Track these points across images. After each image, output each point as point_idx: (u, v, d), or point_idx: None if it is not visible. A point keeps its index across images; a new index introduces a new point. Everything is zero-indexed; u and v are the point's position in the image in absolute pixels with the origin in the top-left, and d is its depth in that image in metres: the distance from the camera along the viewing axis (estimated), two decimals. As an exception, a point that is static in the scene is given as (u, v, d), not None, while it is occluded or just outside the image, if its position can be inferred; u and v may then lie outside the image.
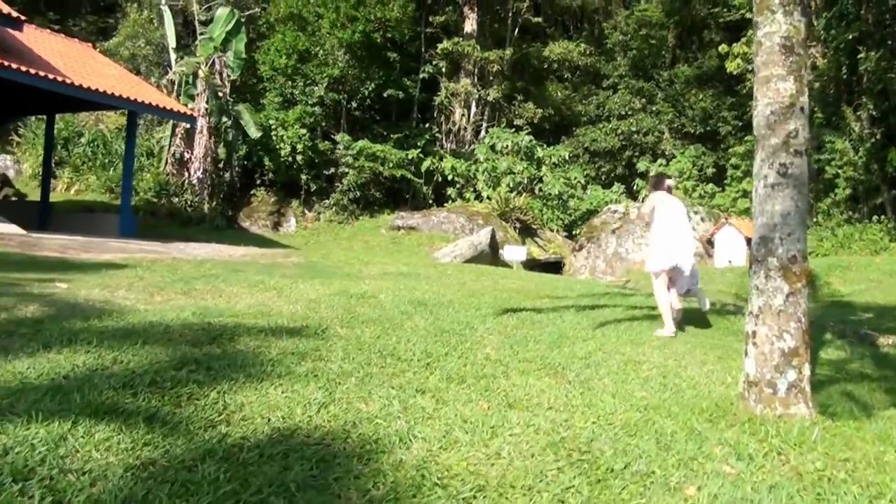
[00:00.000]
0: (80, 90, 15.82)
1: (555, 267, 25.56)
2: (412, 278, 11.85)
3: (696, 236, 25.63)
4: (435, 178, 30.05)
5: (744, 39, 28.89)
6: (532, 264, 23.64)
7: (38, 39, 18.13)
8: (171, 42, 27.30)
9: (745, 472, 3.22)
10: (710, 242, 25.79)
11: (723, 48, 29.85)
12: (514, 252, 21.66)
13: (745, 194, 30.19)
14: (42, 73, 14.90)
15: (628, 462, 3.24)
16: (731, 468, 3.25)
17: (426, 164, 29.34)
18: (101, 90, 16.41)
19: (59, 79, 15.31)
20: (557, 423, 3.74)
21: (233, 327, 5.53)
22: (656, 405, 4.25)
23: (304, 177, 27.69)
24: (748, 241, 24.95)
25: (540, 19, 38.08)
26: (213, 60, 26.10)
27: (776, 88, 3.92)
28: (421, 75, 32.50)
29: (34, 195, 26.14)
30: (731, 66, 29.45)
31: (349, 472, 2.92)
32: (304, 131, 26.96)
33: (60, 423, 3.07)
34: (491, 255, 20.79)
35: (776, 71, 3.93)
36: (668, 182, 8.98)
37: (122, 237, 17.59)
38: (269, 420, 3.52)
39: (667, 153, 33.77)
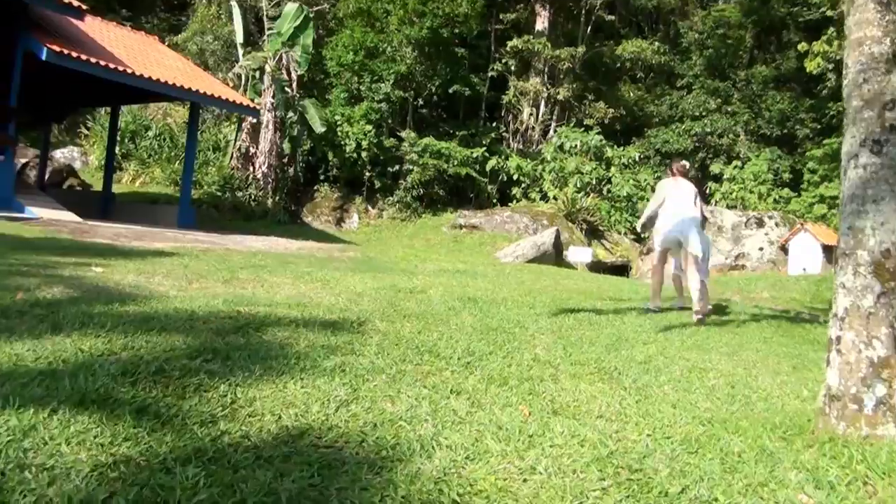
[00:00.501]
0: (140, 80, 15.83)
1: (621, 270, 24.83)
2: (468, 276, 11.46)
3: (706, 215, 24.69)
4: (500, 177, 29.57)
5: (824, 37, 27.66)
6: (597, 267, 23.00)
7: (101, 30, 18.23)
8: (240, 37, 27.37)
9: (825, 503, 2.72)
10: (784, 249, 24.76)
11: (802, 46, 28.54)
12: (579, 253, 21.09)
13: (823, 199, 28.96)
14: (103, 63, 14.91)
15: (686, 485, 2.76)
16: (807, 498, 2.74)
17: (491, 162, 28.87)
18: (163, 80, 16.40)
19: (121, 68, 15.32)
20: (607, 435, 3.27)
21: (263, 317, 5.20)
22: (722, 419, 3.74)
23: (367, 173, 27.49)
24: (825, 248, 23.89)
25: (614, 17, 37.26)
26: (280, 56, 26.09)
27: (870, 52, 3.36)
28: (490, 73, 32.06)
29: (99, 186, 26.62)
30: (811, 66, 28.16)
31: (355, 483, 2.52)
32: (369, 128, 26.74)
33: (37, 412, 2.73)
34: (555, 257, 20.24)
35: (870, 32, 3.37)
36: (680, 164, 9.42)
37: (180, 228, 17.60)
38: (279, 417, 3.14)
39: (741, 155, 32.63)
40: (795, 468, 2.98)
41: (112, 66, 15.19)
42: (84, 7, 14.77)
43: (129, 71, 15.48)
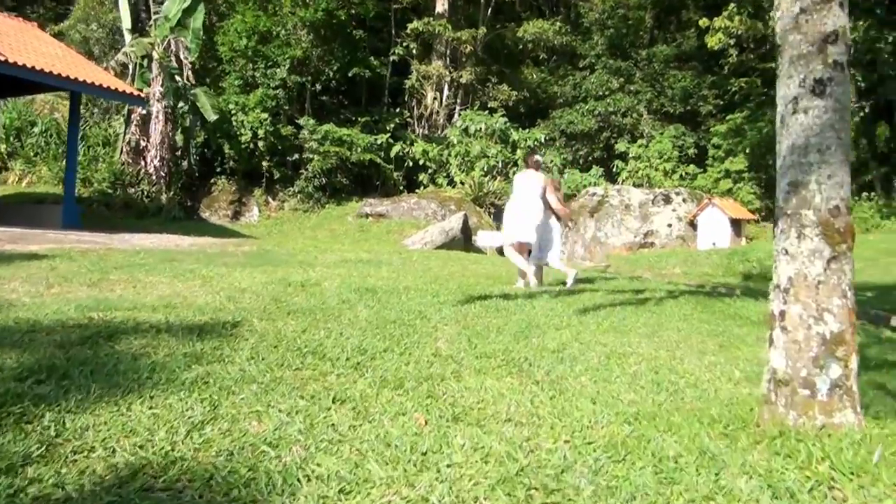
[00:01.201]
0: (11, 67, 14.61)
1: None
2: (371, 265, 10.87)
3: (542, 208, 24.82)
4: (406, 163, 28.97)
5: (725, 13, 28.03)
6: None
7: (-32, 16, 16.89)
8: (126, 23, 25.93)
9: (786, 517, 2.23)
10: (692, 224, 24.94)
11: (703, 22, 28.96)
12: (488, 238, 20.67)
13: (728, 174, 29.35)
14: (-36, 49, 13.71)
15: (615, 507, 2.23)
16: (764, 511, 2.25)
17: (396, 148, 28.24)
18: (38, 68, 15.20)
19: (-15, 55, 14.10)
20: (516, 445, 2.74)
21: (120, 323, 4.51)
22: (650, 413, 3.24)
23: (266, 164, 26.50)
24: (733, 222, 24.14)
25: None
26: (169, 42, 24.83)
27: (808, -21, 2.87)
28: (391, 57, 31.33)
29: None
30: (713, 42, 28.61)
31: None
32: (265, 115, 25.74)
33: None
34: (464, 242, 19.79)
35: (807, -43, 2.88)
36: (533, 158, 10.16)
37: (64, 229, 16.45)
38: (112, 452, 2.51)
39: (645, 134, 32.76)
40: (745, 473, 2.48)
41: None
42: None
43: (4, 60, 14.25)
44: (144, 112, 24.61)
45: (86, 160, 25.19)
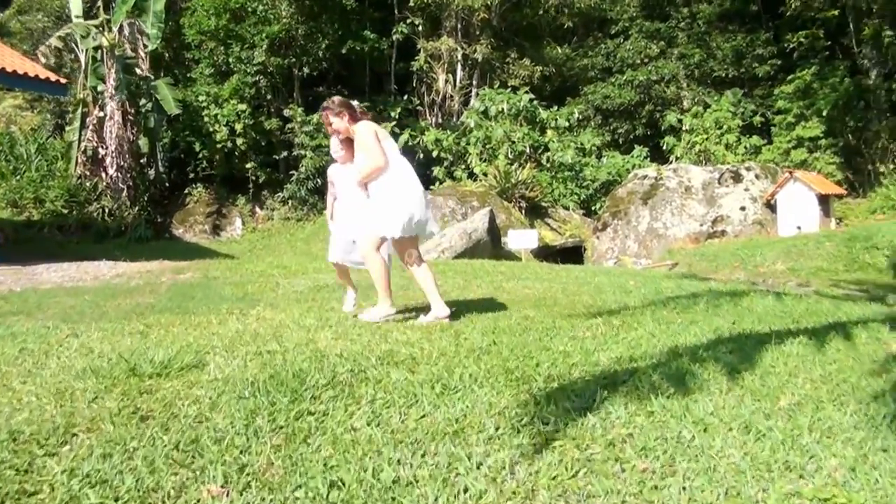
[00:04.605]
0: None
1: (573, 253, 20.75)
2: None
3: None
4: (416, 155, 25.23)
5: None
6: (545, 252, 18.88)
7: None
8: (76, 10, 22.29)
9: None
10: (770, 206, 20.94)
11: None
12: (522, 238, 16.86)
13: (801, 143, 25.31)
14: None
15: None
16: None
17: (403, 138, 24.54)
18: None
19: None
20: None
21: None
22: None
23: (249, 166, 22.87)
24: (821, 199, 20.17)
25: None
26: (123, 27, 21.25)
27: None
28: (394, 36, 27.63)
29: None
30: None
31: None
32: (243, 107, 22.21)
33: None
34: (491, 245, 16.03)
35: None
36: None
37: None
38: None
39: (695, 103, 28.71)
40: None
41: None
42: None
43: None
44: (102, 114, 21.10)
45: (38, 177, 21.85)
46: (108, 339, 4.80)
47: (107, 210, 21.08)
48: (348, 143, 5.89)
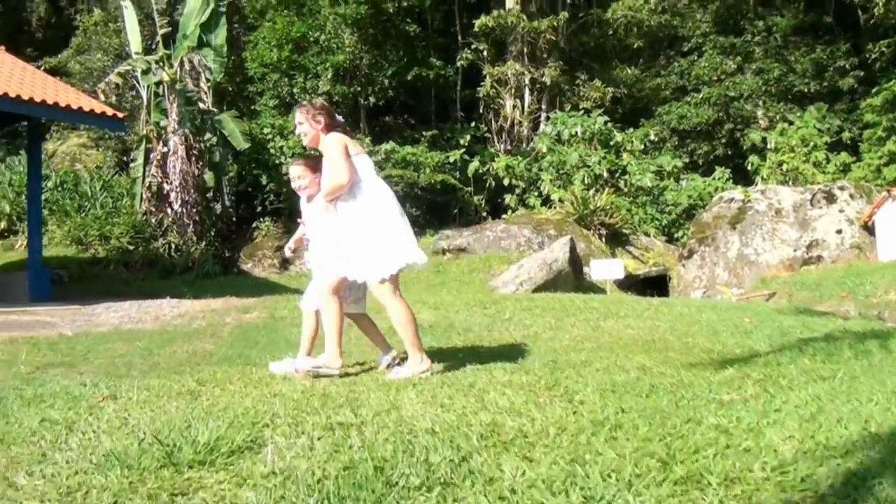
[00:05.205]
0: None
1: (658, 283, 19.65)
2: (431, 333, 6.40)
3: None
4: (488, 183, 24.48)
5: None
6: (628, 283, 17.84)
7: None
8: (135, 46, 22.20)
9: None
10: (867, 228, 19.59)
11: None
12: (606, 268, 15.87)
13: (893, 158, 23.87)
14: None
15: None
16: None
17: (473, 166, 23.79)
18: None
19: None
20: None
21: None
22: None
23: (312, 199, 22.35)
24: (928, 219, 18.78)
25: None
26: (184, 61, 21.02)
27: None
28: (459, 62, 27.06)
29: None
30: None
31: None
32: (308, 138, 21.70)
33: None
34: (573, 276, 15.08)
35: None
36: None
37: (31, 301, 12.58)
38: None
39: (776, 120, 27.38)
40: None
41: None
42: None
43: None
44: (166, 149, 20.88)
45: (103, 213, 21.76)
46: (151, 402, 4.05)
47: (173, 246, 20.74)
48: (315, 170, 5.19)
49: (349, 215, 4.83)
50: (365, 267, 4.78)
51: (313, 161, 5.28)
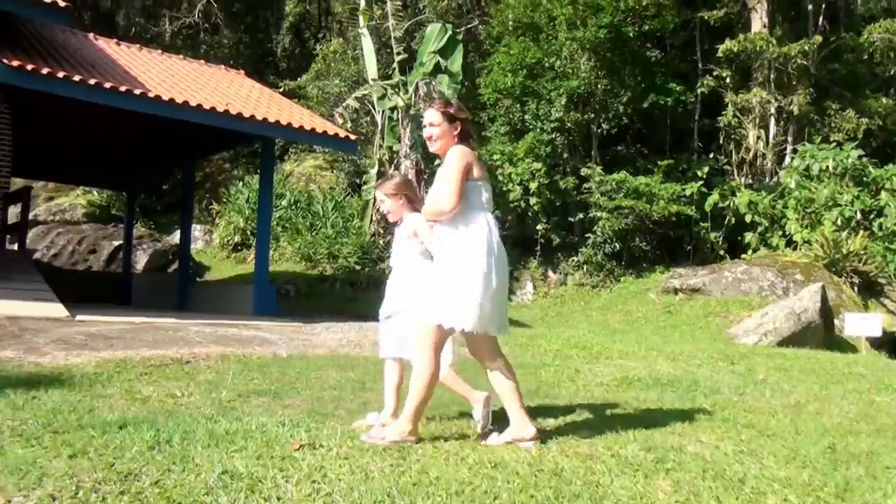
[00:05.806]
0: (163, 106, 11.17)
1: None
2: (671, 394, 5.70)
3: None
4: (727, 219, 23.05)
5: None
6: (880, 341, 15.93)
7: (153, 62, 14.19)
8: (372, 72, 22.90)
9: None
10: None
11: None
12: (862, 323, 14.19)
13: None
14: (94, 82, 10.36)
15: None
16: None
17: (712, 199, 22.47)
18: (204, 107, 11.75)
19: (127, 90, 10.70)
20: None
21: None
22: None
23: (541, 227, 21.92)
24: None
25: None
26: (419, 87, 21.37)
27: None
28: (698, 90, 25.83)
29: (220, 268, 23.25)
30: None
31: None
32: (538, 165, 21.43)
33: None
34: (824, 329, 13.63)
35: None
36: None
37: (255, 315, 13.05)
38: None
39: None
40: None
41: (111, 85, 10.62)
42: (65, 4, 10.29)
43: (140, 93, 10.85)
44: (394, 171, 21.33)
45: (333, 233, 22.50)
46: (352, 459, 3.60)
47: (396, 268, 21.10)
48: (399, 197, 4.72)
49: (445, 247, 4.18)
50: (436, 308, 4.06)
51: (399, 186, 4.76)
